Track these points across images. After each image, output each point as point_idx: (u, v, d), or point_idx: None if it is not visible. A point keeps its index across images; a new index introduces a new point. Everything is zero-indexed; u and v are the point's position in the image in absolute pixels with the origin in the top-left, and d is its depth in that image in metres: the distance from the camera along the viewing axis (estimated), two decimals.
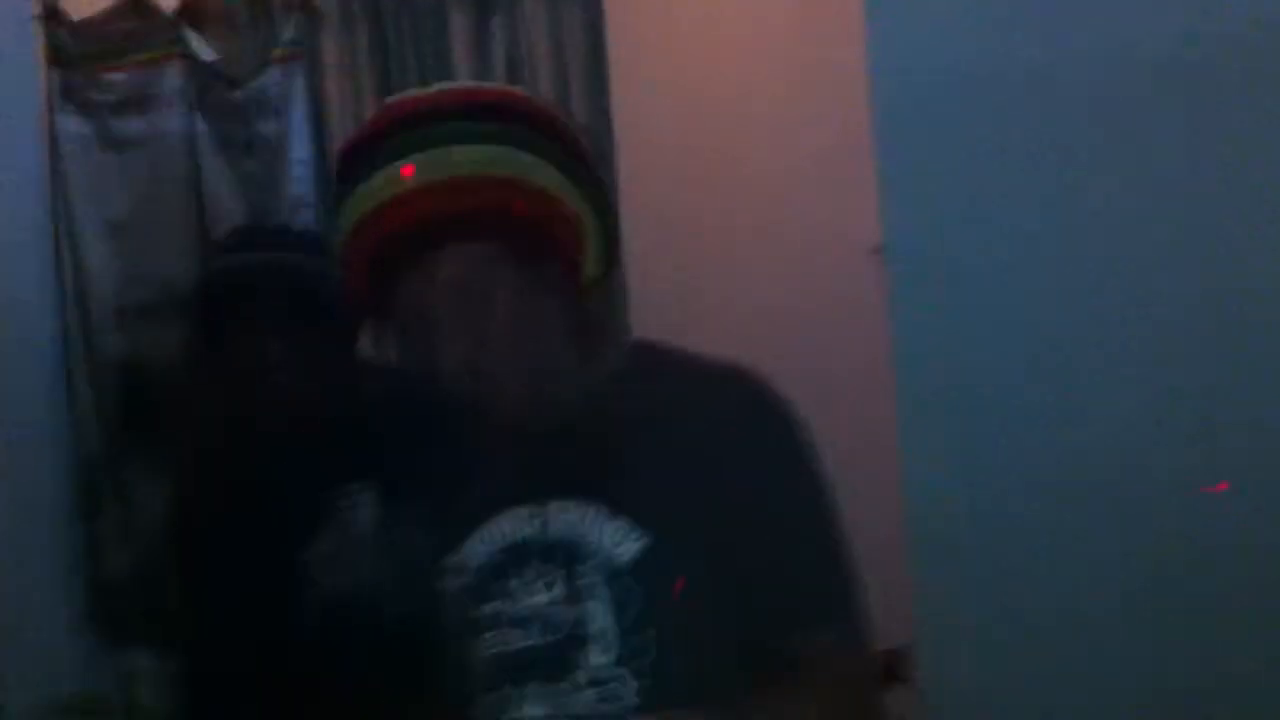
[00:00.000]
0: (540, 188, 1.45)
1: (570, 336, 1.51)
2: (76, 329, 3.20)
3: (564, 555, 1.45)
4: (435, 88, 1.52)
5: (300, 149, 3.03)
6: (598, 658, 1.41)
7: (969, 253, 2.31)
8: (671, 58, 2.91)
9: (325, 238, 2.26)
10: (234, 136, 3.06)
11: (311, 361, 2.16)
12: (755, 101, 2.85)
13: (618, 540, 1.44)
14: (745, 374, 1.52)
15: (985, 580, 2.34)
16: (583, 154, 1.52)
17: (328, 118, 3.02)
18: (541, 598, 1.44)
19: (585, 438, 1.47)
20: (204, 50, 3.07)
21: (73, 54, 3.17)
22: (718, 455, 1.44)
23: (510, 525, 1.49)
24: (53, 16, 3.17)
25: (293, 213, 3.02)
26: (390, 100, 1.51)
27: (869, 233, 2.69)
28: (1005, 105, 2.25)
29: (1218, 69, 2.11)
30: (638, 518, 1.43)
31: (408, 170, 1.42)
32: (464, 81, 1.67)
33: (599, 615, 1.42)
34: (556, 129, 1.50)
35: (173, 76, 3.10)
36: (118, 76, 3.15)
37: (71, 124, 3.19)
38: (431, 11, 2.92)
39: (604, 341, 1.59)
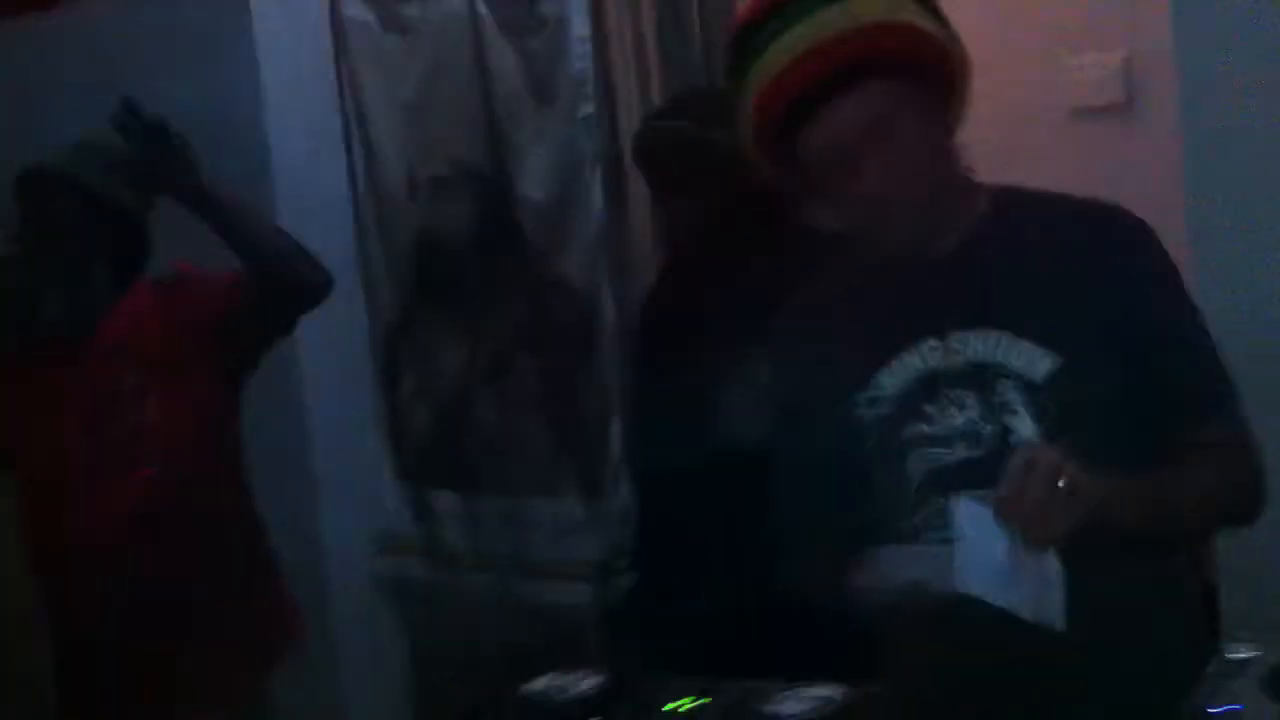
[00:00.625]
0: (929, 32, 1.62)
1: (957, 170, 1.68)
2: (370, 204, 3.44)
3: (977, 379, 1.63)
4: None
5: (580, 26, 3.17)
6: None
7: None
8: None
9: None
10: (516, 18, 3.22)
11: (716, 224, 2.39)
12: None
13: (1028, 361, 1.62)
14: (1113, 206, 1.68)
15: None
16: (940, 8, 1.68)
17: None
18: (961, 418, 1.62)
19: (978, 268, 1.65)
20: None
21: None
22: (1105, 277, 1.62)
23: (916, 358, 1.67)
24: None
25: (576, 88, 3.17)
26: None
27: None
28: None
29: None
30: (1042, 339, 1.61)
31: None
32: None
33: (1021, 427, 1.60)
34: None
35: None
36: None
37: (357, 10, 3.39)
38: None
39: (974, 177, 1.75)
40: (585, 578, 3.20)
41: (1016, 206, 1.72)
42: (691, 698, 1.83)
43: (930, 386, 1.65)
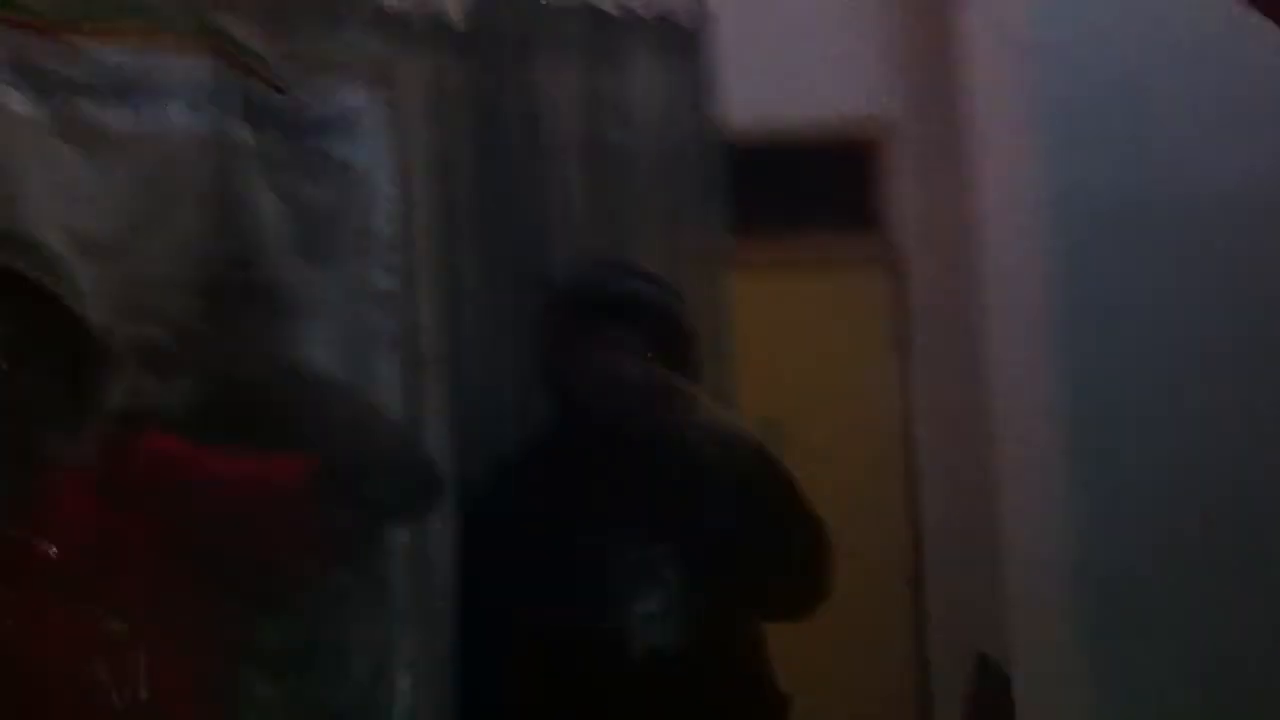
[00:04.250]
0: None
1: None
2: None
3: None
4: None
5: (386, 182, 2.54)
6: None
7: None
8: None
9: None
10: (289, 154, 2.48)
11: (658, 395, 2.15)
12: None
13: None
14: None
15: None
16: None
17: (410, 150, 2.58)
18: None
19: None
20: (249, 42, 2.47)
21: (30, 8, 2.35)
22: None
23: None
24: None
25: (368, 254, 2.51)
26: None
27: None
28: None
29: None
30: None
31: None
32: None
33: None
34: None
35: (193, 65, 2.43)
36: (104, 51, 2.39)
37: (19, 102, 2.34)
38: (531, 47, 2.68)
39: None
40: None
41: None
42: None
43: None
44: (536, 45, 2.68)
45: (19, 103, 2.34)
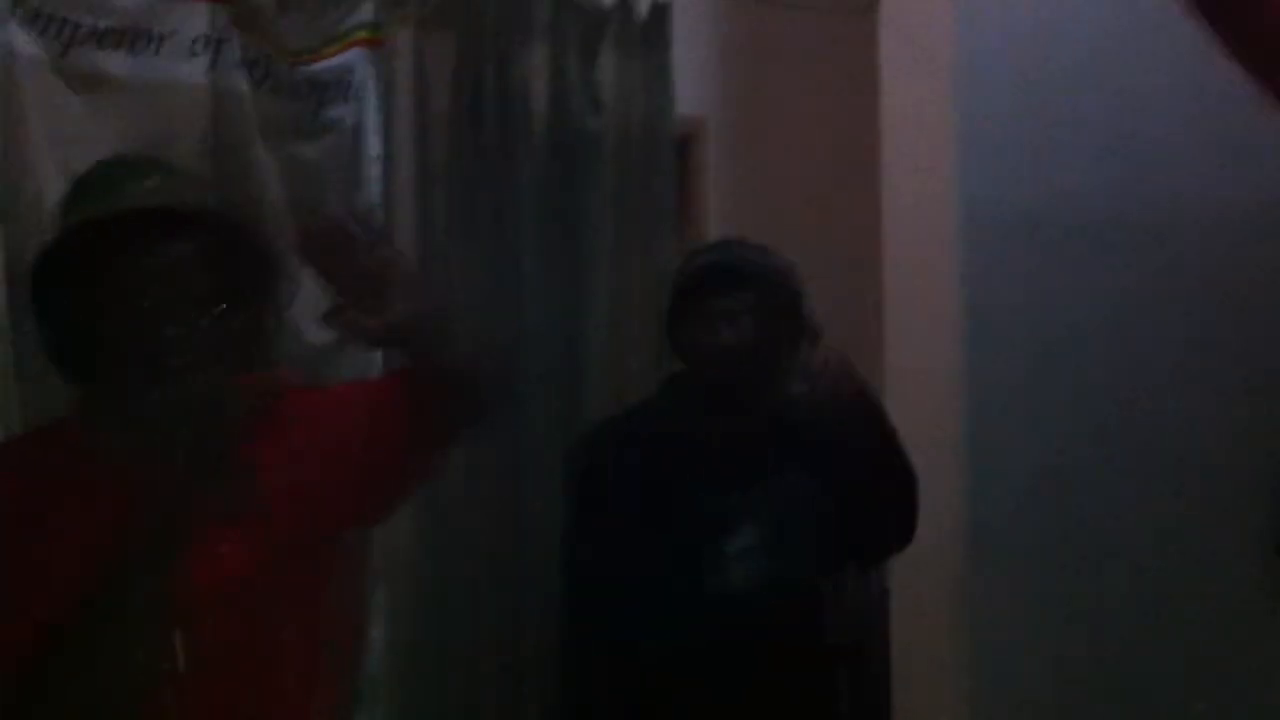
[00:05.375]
0: None
1: None
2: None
3: None
4: None
5: (374, 144, 2.59)
6: None
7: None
8: None
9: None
10: (286, 114, 2.51)
11: (766, 354, 2.32)
12: None
13: None
14: None
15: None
16: None
17: (395, 115, 2.64)
18: None
19: None
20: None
21: None
22: None
23: None
24: None
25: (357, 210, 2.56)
26: None
27: None
28: None
29: None
30: None
31: None
32: None
33: None
34: None
35: (195, 15, 2.44)
36: None
37: (23, 43, 2.31)
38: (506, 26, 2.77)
39: None
40: None
41: None
42: None
43: None
44: (511, 25, 2.78)
45: (22, 42, 2.33)
